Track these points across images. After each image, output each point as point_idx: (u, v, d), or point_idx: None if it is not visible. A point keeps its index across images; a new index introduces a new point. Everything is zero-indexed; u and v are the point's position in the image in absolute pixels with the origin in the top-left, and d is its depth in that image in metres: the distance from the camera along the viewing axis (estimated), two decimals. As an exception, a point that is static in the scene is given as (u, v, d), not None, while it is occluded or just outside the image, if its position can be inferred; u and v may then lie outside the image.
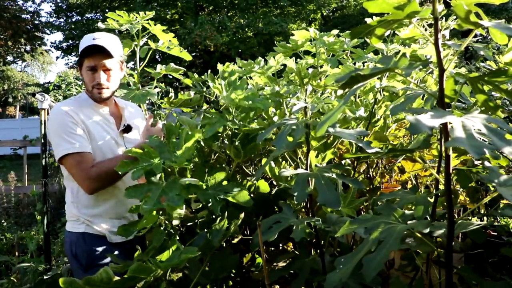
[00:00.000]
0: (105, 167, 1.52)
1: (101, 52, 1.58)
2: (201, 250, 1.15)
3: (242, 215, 1.30)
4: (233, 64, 2.00)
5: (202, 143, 1.69)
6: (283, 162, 1.72)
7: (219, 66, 1.96)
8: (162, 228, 1.34)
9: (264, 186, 1.56)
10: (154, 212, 1.23)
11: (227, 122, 1.50)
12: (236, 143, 1.57)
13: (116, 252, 1.57)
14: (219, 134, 1.67)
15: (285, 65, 1.80)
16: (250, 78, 2.11)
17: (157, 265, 1.06)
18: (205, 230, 1.39)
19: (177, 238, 1.26)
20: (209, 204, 1.27)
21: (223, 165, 1.75)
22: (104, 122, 1.66)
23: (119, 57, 1.67)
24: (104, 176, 1.52)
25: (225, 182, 1.39)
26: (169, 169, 1.35)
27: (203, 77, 2.08)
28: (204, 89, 2.09)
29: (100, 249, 1.57)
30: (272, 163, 1.62)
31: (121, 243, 1.61)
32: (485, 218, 1.67)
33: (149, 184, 1.23)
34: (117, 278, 1.01)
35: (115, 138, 1.66)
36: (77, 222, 1.62)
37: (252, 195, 1.54)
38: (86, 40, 1.61)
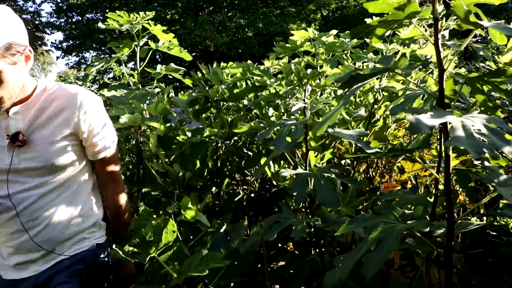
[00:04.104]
0: None
1: None
2: (225, 258, 1.12)
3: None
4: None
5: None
6: (281, 161, 1.73)
7: (223, 65, 1.96)
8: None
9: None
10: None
11: (214, 93, 1.61)
12: (223, 116, 1.62)
13: None
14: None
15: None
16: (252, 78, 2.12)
17: (178, 271, 1.05)
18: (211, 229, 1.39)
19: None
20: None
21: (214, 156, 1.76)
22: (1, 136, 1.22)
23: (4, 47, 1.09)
24: None
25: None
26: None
27: (206, 76, 2.08)
28: (207, 88, 2.09)
29: None
30: (271, 163, 1.62)
31: (19, 281, 1.25)
32: (484, 218, 1.67)
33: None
34: None
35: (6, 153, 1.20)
36: None
37: (252, 195, 1.54)
38: None
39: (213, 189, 1.74)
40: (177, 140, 1.59)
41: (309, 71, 1.42)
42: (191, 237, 1.45)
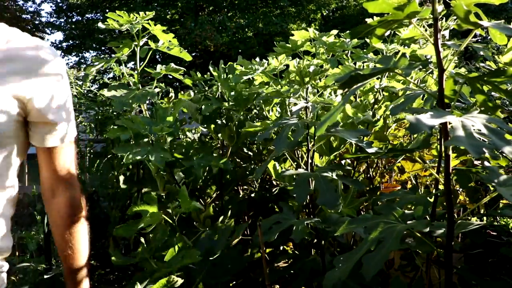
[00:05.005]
0: None
1: None
2: (203, 255, 1.15)
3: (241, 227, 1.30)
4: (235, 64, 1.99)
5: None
6: (287, 162, 1.72)
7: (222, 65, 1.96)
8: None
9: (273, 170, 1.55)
10: (157, 210, 1.23)
11: (223, 103, 1.63)
12: (232, 126, 1.64)
13: None
14: (216, 120, 1.75)
15: (287, 65, 1.80)
16: (253, 78, 2.11)
17: (158, 266, 1.06)
18: (208, 229, 1.40)
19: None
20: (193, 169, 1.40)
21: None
22: None
23: None
24: None
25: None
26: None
27: (205, 76, 2.08)
28: (206, 88, 2.09)
29: None
30: (276, 164, 1.62)
31: None
32: (484, 218, 1.66)
33: (138, 144, 1.36)
34: None
35: None
36: None
37: (252, 195, 1.54)
38: None
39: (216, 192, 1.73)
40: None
41: (311, 68, 1.42)
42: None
